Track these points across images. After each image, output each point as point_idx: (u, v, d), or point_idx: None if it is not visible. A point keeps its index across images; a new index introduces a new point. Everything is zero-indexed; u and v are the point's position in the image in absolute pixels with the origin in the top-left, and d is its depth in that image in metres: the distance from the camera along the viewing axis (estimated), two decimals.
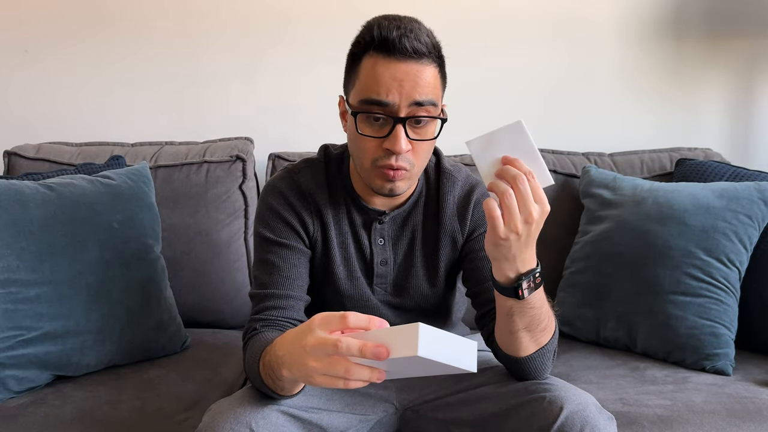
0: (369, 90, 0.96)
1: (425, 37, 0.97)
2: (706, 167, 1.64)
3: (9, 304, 1.29)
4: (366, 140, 0.99)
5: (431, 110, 0.98)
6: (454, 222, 1.14)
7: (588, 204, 1.65)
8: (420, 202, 1.14)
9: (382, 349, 0.74)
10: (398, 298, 1.15)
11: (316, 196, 1.11)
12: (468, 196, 1.15)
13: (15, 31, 1.93)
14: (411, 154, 1.00)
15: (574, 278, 1.60)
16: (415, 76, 0.95)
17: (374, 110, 0.97)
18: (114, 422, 1.19)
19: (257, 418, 0.91)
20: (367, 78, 0.97)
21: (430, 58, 0.97)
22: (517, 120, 0.92)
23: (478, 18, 1.93)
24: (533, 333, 0.95)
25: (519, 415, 0.96)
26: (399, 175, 1.00)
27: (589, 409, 0.92)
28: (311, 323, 0.80)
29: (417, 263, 1.14)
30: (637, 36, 1.96)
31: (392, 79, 0.95)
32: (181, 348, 1.51)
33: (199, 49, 1.94)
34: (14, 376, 1.27)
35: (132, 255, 1.43)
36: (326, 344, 0.77)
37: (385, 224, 1.12)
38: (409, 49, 0.95)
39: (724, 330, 1.41)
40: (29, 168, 1.71)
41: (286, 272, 1.07)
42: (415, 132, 0.98)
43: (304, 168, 1.14)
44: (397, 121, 0.96)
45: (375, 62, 0.96)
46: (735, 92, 1.98)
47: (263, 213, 1.11)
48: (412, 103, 0.96)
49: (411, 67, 0.95)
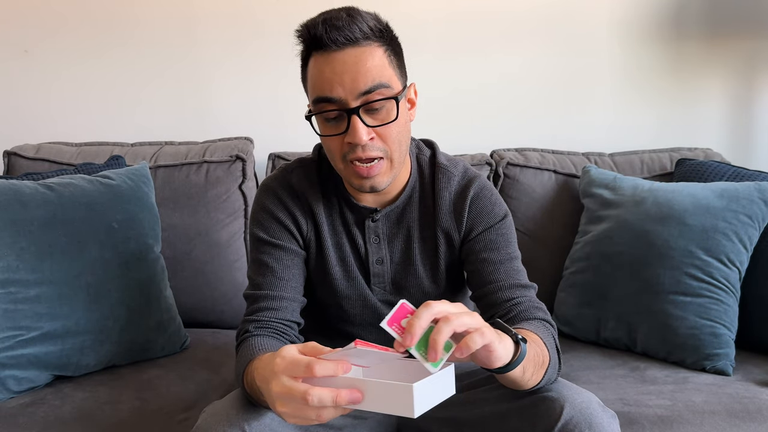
0: (316, 89, 0.97)
1: (359, 23, 0.95)
2: (706, 167, 1.64)
3: (9, 304, 1.29)
4: (329, 140, 0.99)
5: (384, 92, 0.96)
6: (450, 219, 1.10)
7: (588, 204, 1.65)
8: (414, 197, 1.12)
9: (357, 395, 0.74)
10: (398, 296, 1.13)
11: (308, 195, 1.10)
12: (464, 191, 1.11)
13: (15, 31, 1.93)
14: (379, 142, 0.98)
15: (574, 278, 1.60)
16: (355, 64, 0.94)
17: (325, 108, 0.97)
18: (114, 422, 1.19)
19: (250, 419, 0.90)
20: (313, 79, 0.98)
21: (369, 40, 0.96)
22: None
23: (478, 18, 1.93)
24: (537, 371, 0.90)
25: (521, 415, 0.95)
26: (374, 169, 0.99)
27: (592, 407, 0.91)
28: (275, 367, 0.78)
29: (416, 261, 1.12)
30: (638, 36, 1.96)
31: (333, 73, 0.95)
32: (181, 348, 1.51)
33: (199, 49, 1.93)
34: (14, 376, 1.27)
35: (132, 255, 1.43)
36: (294, 395, 0.76)
37: (379, 222, 1.11)
38: (340, 38, 0.94)
39: (724, 330, 1.41)
40: (29, 168, 1.71)
41: (279, 273, 1.07)
42: (374, 118, 0.97)
43: (297, 168, 1.13)
44: (349, 113, 0.95)
45: (315, 61, 0.97)
46: (735, 92, 1.98)
47: (257, 213, 1.11)
48: (360, 93, 0.95)
49: (348, 55, 0.94)
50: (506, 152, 1.81)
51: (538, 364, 0.90)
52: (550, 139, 1.90)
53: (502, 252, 1.07)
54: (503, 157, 1.78)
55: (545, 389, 0.95)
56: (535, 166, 1.77)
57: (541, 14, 1.94)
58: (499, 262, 1.06)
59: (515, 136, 1.92)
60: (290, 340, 1.04)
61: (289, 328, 1.05)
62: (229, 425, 0.90)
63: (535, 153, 1.81)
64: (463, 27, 1.94)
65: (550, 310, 1.66)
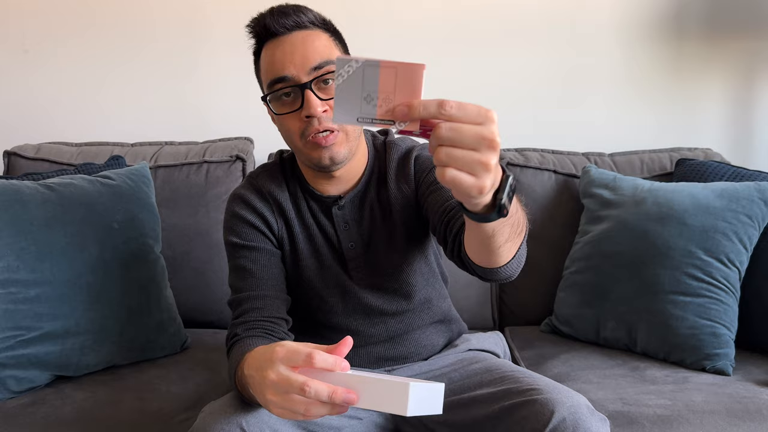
0: (269, 73, 1.03)
1: (307, 13, 1.04)
2: (706, 167, 1.64)
3: (9, 304, 1.29)
4: (286, 119, 1.04)
5: (333, 68, 1.00)
6: (402, 184, 1.14)
7: (588, 204, 1.65)
8: (372, 179, 1.15)
9: (352, 396, 0.74)
10: (375, 277, 1.15)
11: (275, 194, 1.14)
12: (407, 155, 1.16)
13: (15, 30, 1.93)
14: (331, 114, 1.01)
15: (574, 278, 1.60)
16: (303, 44, 1.01)
17: (279, 87, 1.02)
18: (114, 422, 1.19)
19: (248, 417, 0.91)
20: (265, 65, 1.04)
21: (316, 27, 1.03)
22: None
23: (478, 17, 1.93)
24: (513, 241, 0.86)
25: (511, 418, 0.95)
26: (331, 138, 1.02)
27: (581, 411, 0.91)
28: (274, 354, 0.79)
29: (383, 236, 1.14)
30: (638, 36, 1.96)
31: (283, 53, 1.01)
32: (181, 348, 1.51)
33: (199, 48, 1.94)
34: (14, 376, 1.28)
35: (132, 255, 1.43)
36: (291, 385, 0.76)
37: (345, 208, 1.13)
38: (289, 23, 1.01)
39: (724, 330, 1.41)
40: (29, 168, 1.71)
41: (258, 274, 1.09)
42: (326, 92, 1.01)
43: (262, 172, 1.17)
44: (302, 87, 1.00)
45: (266, 50, 1.04)
46: (735, 92, 1.98)
47: (228, 221, 1.15)
48: (311, 68, 1.00)
49: (296, 37, 1.02)
50: (506, 152, 1.81)
51: (515, 231, 0.83)
52: (550, 139, 1.90)
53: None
54: (503, 157, 1.78)
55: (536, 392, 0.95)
56: (535, 166, 1.77)
57: (541, 14, 1.94)
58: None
59: (515, 136, 1.92)
60: (279, 338, 1.04)
61: (277, 326, 1.05)
62: (227, 423, 0.90)
63: (535, 153, 1.81)
64: (462, 27, 1.94)
65: (550, 311, 1.67)
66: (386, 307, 1.16)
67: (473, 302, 1.73)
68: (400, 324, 1.18)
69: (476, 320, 1.71)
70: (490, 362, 1.12)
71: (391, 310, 1.16)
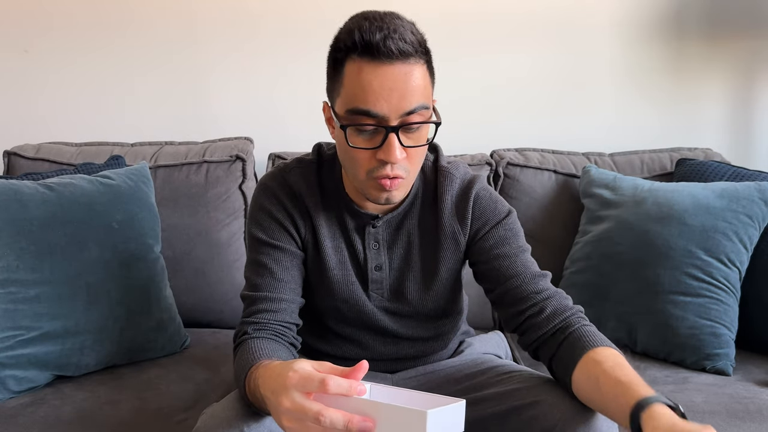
0: (356, 99, 0.91)
1: (410, 35, 0.91)
2: (706, 167, 1.64)
3: (9, 304, 1.29)
4: (358, 152, 0.94)
5: (424, 114, 0.94)
6: (454, 222, 1.08)
7: (588, 204, 1.65)
8: (416, 203, 1.10)
9: (369, 425, 0.73)
10: (396, 303, 1.11)
11: (305, 198, 1.08)
12: (466, 192, 1.08)
13: (15, 30, 1.93)
14: (406, 161, 0.95)
15: (574, 278, 1.60)
16: (404, 82, 0.90)
17: (364, 121, 0.92)
18: (114, 422, 1.19)
19: (249, 422, 0.90)
20: (353, 86, 0.91)
21: (417, 56, 0.92)
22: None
23: (478, 17, 1.93)
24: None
25: (519, 417, 0.95)
26: (395, 184, 0.96)
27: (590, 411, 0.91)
28: (287, 381, 0.77)
29: (414, 267, 1.10)
30: (638, 36, 1.95)
31: (380, 87, 0.90)
32: (181, 348, 1.51)
33: (199, 48, 1.93)
34: (14, 376, 1.28)
35: (132, 255, 1.43)
36: (305, 414, 0.74)
37: (379, 228, 1.08)
38: (394, 51, 0.89)
39: (724, 330, 1.41)
40: (29, 168, 1.71)
41: (278, 275, 1.05)
42: (409, 138, 0.94)
43: (295, 168, 1.10)
44: (389, 130, 0.91)
45: (359, 68, 0.90)
46: (735, 92, 1.98)
47: (255, 213, 1.09)
48: (404, 113, 0.91)
49: (398, 70, 0.90)
50: (506, 152, 1.81)
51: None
52: (550, 139, 1.90)
53: (513, 245, 1.06)
54: (503, 157, 1.78)
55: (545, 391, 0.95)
56: (535, 166, 1.77)
57: (541, 14, 1.94)
58: (514, 255, 1.05)
59: (515, 136, 1.91)
60: (289, 342, 1.03)
61: (288, 330, 1.04)
62: (229, 427, 0.89)
63: (535, 153, 1.81)
64: (463, 27, 1.94)
65: None
66: (402, 332, 1.13)
67: (473, 302, 1.71)
68: (412, 349, 1.15)
69: (476, 320, 1.70)
70: (495, 362, 1.12)
71: (406, 335, 1.13)
